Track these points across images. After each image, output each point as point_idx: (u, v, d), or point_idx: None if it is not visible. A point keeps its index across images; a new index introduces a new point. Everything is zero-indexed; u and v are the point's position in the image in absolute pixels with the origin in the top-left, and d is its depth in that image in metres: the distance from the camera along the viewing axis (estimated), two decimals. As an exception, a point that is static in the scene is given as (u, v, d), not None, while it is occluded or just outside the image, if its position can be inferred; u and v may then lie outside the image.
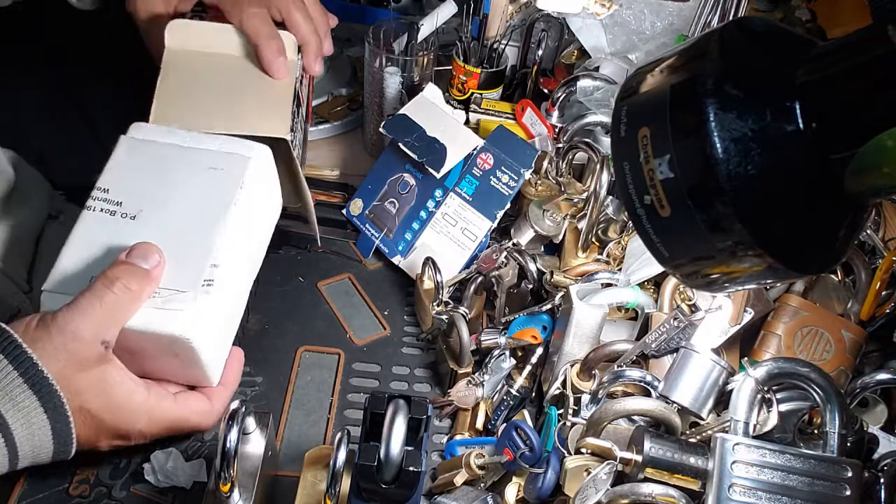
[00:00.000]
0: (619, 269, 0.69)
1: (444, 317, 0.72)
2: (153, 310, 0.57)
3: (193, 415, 0.61)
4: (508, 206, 0.80)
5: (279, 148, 0.69)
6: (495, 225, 0.81)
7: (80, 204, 0.69)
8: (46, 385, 0.51)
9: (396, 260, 0.83)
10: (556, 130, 0.89)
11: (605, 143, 0.83)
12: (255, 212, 0.67)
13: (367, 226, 0.86)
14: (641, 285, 0.68)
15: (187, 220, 0.61)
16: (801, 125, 0.35)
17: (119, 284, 0.55)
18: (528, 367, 0.68)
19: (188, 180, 0.63)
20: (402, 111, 0.84)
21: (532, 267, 0.74)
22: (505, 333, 0.70)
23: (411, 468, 0.47)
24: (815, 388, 0.52)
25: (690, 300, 0.66)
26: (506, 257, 0.74)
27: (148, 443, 0.61)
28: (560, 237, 0.79)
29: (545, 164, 0.84)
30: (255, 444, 0.57)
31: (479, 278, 0.75)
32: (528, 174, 0.80)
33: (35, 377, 0.51)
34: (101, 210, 0.61)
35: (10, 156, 0.77)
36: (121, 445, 0.59)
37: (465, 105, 0.94)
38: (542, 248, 0.82)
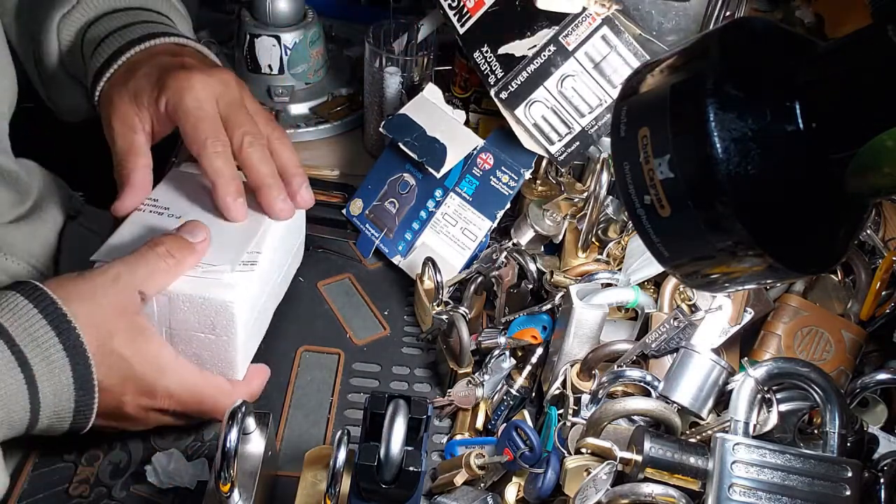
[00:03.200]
0: (619, 269, 0.69)
1: (444, 317, 0.72)
2: (199, 279, 0.61)
3: (216, 390, 0.62)
4: (508, 206, 0.80)
5: None
6: (495, 225, 0.81)
7: (98, 205, 0.70)
8: (66, 323, 0.53)
9: (396, 260, 0.83)
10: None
11: (605, 143, 0.83)
12: (284, 247, 0.72)
13: (367, 226, 0.86)
14: (641, 285, 0.68)
15: (229, 226, 0.66)
16: (801, 125, 0.35)
17: (162, 248, 0.58)
18: (528, 367, 0.68)
19: None
20: (402, 111, 0.84)
21: (532, 267, 0.74)
22: (505, 333, 0.70)
23: (411, 468, 0.48)
24: (815, 388, 0.52)
25: (690, 300, 0.66)
26: (506, 257, 0.74)
27: (172, 412, 0.61)
28: (560, 237, 0.79)
29: (545, 164, 0.84)
30: (255, 444, 0.57)
31: (479, 278, 0.75)
32: (528, 174, 0.80)
33: (55, 315, 0.53)
34: (150, 211, 0.67)
35: (29, 164, 0.78)
36: (146, 406, 0.59)
37: (467, 103, 0.94)
38: (542, 248, 0.82)
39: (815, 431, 0.56)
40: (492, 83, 0.78)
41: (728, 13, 0.73)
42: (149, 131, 0.68)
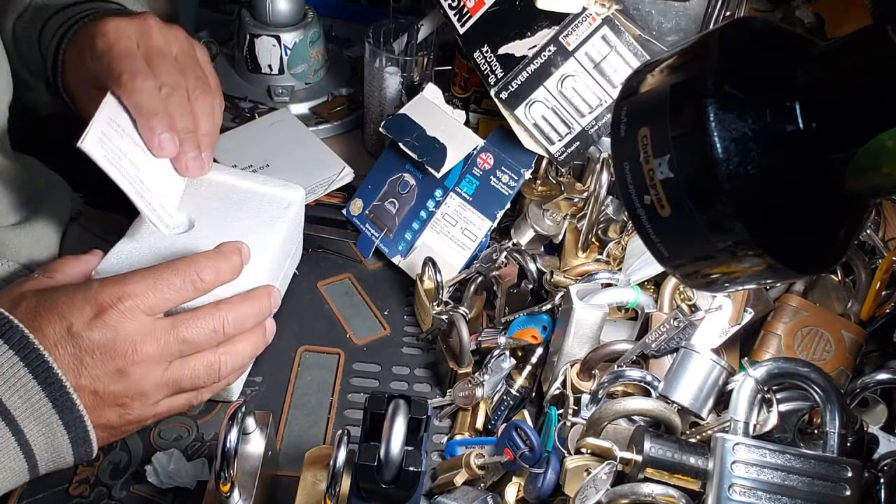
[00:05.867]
0: (619, 269, 0.69)
1: (444, 317, 0.72)
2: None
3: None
4: (508, 206, 0.80)
5: None
6: (495, 225, 0.81)
7: (99, 207, 0.70)
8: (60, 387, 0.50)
9: (396, 260, 0.83)
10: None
11: (605, 143, 0.83)
12: (289, 242, 0.73)
13: (367, 226, 0.86)
14: (641, 285, 0.68)
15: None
16: (801, 125, 0.35)
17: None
18: (528, 367, 0.68)
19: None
20: (402, 111, 0.84)
21: (532, 267, 0.74)
22: (505, 333, 0.70)
23: (411, 468, 0.47)
24: (815, 388, 0.52)
25: (690, 300, 0.66)
26: (506, 257, 0.74)
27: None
28: (560, 237, 0.79)
29: (545, 164, 0.84)
30: (255, 444, 0.57)
31: (479, 278, 0.75)
32: (528, 174, 0.80)
33: (40, 367, 0.49)
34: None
35: (32, 162, 0.77)
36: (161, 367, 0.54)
37: (467, 103, 0.94)
38: (542, 248, 0.82)
39: (815, 431, 0.56)
40: (492, 83, 0.78)
41: (728, 13, 0.73)
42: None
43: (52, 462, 0.52)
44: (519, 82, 0.76)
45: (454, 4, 0.81)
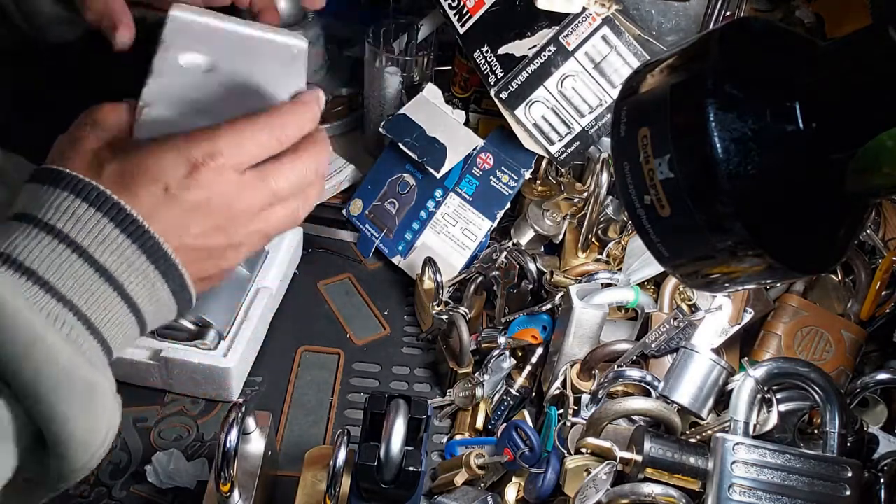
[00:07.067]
0: (619, 269, 0.69)
1: (444, 317, 0.72)
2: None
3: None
4: (508, 206, 0.80)
5: None
6: (495, 225, 0.81)
7: None
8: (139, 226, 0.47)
9: (396, 260, 0.83)
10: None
11: (605, 143, 0.83)
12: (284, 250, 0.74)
13: (367, 226, 0.86)
14: (641, 285, 0.67)
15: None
16: (801, 125, 0.35)
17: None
18: (528, 367, 0.68)
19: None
20: (402, 111, 0.84)
21: (532, 267, 0.73)
22: (505, 333, 0.70)
23: (411, 468, 0.48)
24: (815, 388, 0.52)
25: (690, 300, 0.66)
26: (506, 257, 0.74)
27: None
28: (560, 237, 0.79)
29: (545, 164, 0.84)
30: (255, 444, 0.57)
31: (479, 278, 0.75)
32: (528, 174, 0.80)
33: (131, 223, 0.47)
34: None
35: (24, 162, 0.77)
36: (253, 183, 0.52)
37: (467, 103, 0.94)
38: (542, 248, 0.82)
39: (815, 431, 0.56)
40: (492, 83, 0.78)
41: (728, 13, 0.73)
42: None
43: (158, 314, 0.51)
44: (519, 82, 0.76)
45: (454, 4, 0.81)
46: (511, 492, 0.59)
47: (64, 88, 0.95)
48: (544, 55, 0.75)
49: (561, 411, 0.62)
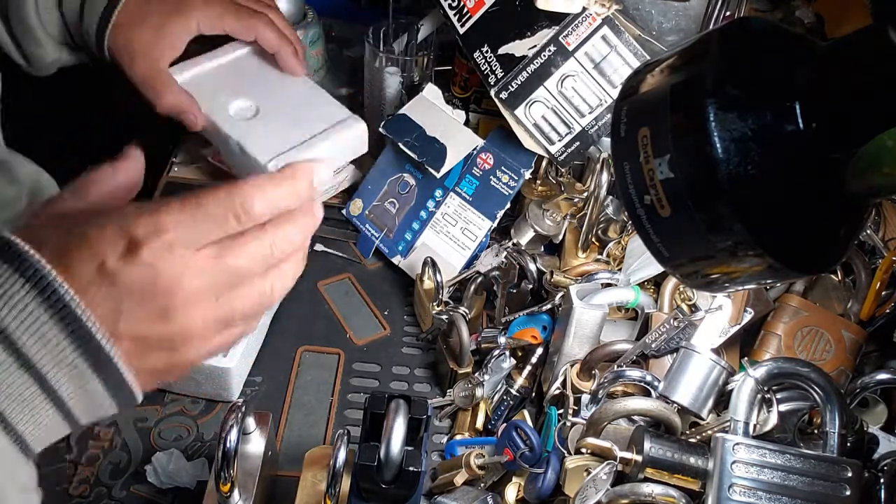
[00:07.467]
0: (619, 269, 0.69)
1: (444, 317, 0.72)
2: None
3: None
4: (508, 206, 0.80)
5: None
6: (495, 225, 0.81)
7: None
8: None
9: (396, 260, 0.83)
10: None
11: (605, 143, 0.83)
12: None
13: (367, 226, 0.86)
14: (641, 285, 0.68)
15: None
16: (801, 125, 0.35)
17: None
18: (528, 367, 0.68)
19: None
20: (402, 111, 0.84)
21: (532, 267, 0.73)
22: (505, 333, 0.70)
23: (411, 468, 0.47)
24: (815, 388, 0.52)
25: (690, 300, 0.66)
26: (506, 257, 0.74)
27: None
28: (560, 237, 0.79)
29: (545, 164, 0.84)
30: (255, 444, 0.57)
31: (479, 278, 0.75)
32: (528, 174, 0.80)
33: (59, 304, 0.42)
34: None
35: (26, 160, 0.77)
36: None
37: (467, 103, 0.94)
38: (542, 248, 0.82)
39: (815, 431, 0.56)
40: (492, 83, 0.78)
41: (728, 13, 0.73)
42: (169, 60, 0.80)
43: (91, 410, 0.45)
44: (519, 82, 0.76)
45: (454, 4, 0.81)
46: (511, 492, 0.59)
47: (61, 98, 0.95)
48: (544, 55, 0.75)
49: (561, 411, 0.62)
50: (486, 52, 0.78)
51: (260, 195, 0.48)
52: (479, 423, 0.68)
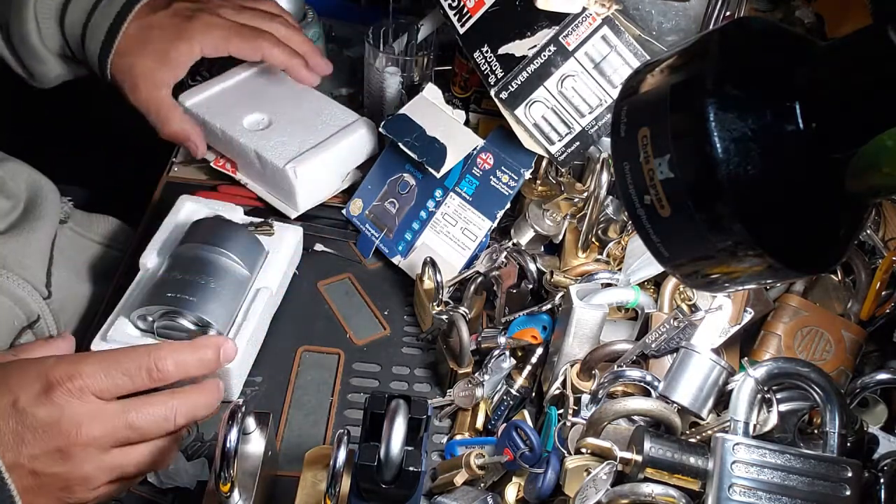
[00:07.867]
0: (619, 269, 0.69)
1: (444, 317, 0.72)
2: None
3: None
4: (508, 206, 0.80)
5: None
6: (495, 225, 0.81)
7: (88, 209, 0.68)
8: None
9: (396, 260, 0.83)
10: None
11: (605, 143, 0.83)
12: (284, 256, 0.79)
13: (367, 226, 0.86)
14: (641, 285, 0.68)
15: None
16: (801, 125, 0.35)
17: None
18: (528, 367, 0.68)
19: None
20: (401, 111, 0.84)
21: (532, 267, 0.74)
22: (505, 333, 0.70)
23: (411, 468, 0.47)
24: (815, 388, 0.52)
25: (690, 300, 0.66)
26: (506, 257, 0.74)
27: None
28: (560, 237, 0.79)
29: (545, 164, 0.84)
30: (255, 444, 0.57)
31: (479, 278, 0.75)
32: (528, 174, 0.80)
33: None
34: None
35: (24, 166, 0.77)
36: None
37: (467, 103, 0.94)
38: (542, 248, 0.82)
39: (815, 431, 0.56)
40: (492, 83, 0.78)
41: (728, 13, 0.73)
42: (172, 84, 0.80)
43: None
44: (519, 82, 0.76)
45: (454, 4, 0.81)
46: (511, 492, 0.59)
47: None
48: (544, 55, 0.75)
49: (561, 411, 0.62)
50: (486, 52, 0.78)
51: (173, 356, 0.53)
52: (479, 423, 0.68)
